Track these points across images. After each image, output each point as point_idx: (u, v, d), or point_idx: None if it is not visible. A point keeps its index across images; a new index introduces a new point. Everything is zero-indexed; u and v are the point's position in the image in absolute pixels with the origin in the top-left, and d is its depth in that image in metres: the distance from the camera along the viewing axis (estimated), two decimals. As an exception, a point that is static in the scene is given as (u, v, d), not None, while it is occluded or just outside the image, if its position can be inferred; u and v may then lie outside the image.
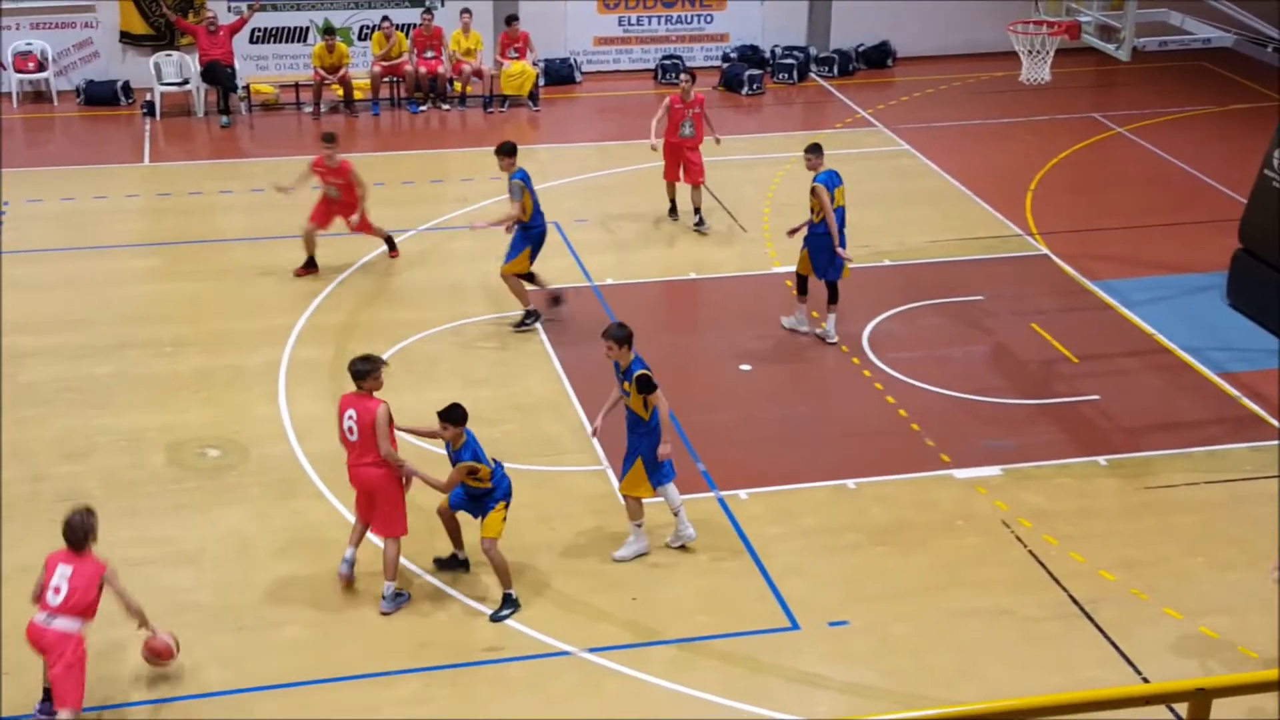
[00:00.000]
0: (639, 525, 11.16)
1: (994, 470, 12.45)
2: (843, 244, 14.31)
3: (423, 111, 21.73)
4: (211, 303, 15.38)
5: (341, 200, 15.79)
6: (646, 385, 10.80)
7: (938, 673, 10.00)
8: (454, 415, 10.36)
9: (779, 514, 11.77)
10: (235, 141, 20.68)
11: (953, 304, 15.54)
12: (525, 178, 14.35)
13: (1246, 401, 13.63)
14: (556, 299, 14.98)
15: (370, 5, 22.52)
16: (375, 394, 10.49)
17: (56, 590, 9.19)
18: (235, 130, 20.96)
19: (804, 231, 14.49)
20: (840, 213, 14.29)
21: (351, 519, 11.52)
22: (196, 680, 9.81)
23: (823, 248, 14.32)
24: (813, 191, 14.21)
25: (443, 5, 22.43)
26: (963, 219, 17.86)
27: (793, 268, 15.07)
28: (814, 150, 14.41)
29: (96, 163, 19.01)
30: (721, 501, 11.93)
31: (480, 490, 10.42)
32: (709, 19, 23.74)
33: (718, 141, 17.28)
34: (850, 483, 12.22)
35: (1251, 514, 11.88)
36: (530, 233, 14.49)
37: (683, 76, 17.36)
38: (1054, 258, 16.72)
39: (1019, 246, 17.10)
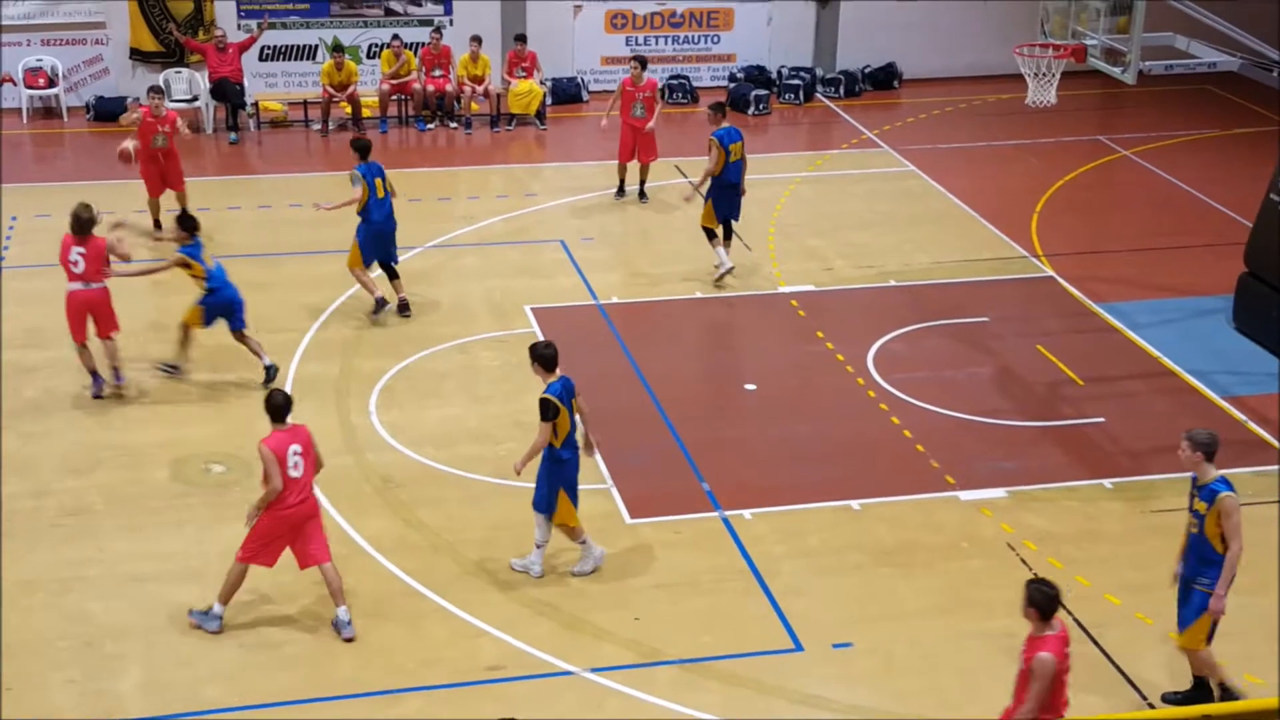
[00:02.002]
0: (584, 542, 11.08)
1: (999, 492, 12.42)
2: (741, 192, 16.16)
3: (430, 129, 21.79)
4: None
5: (168, 151, 16.98)
6: (542, 410, 10.61)
7: (942, 695, 9.97)
8: (184, 221, 13.70)
9: (783, 534, 11.76)
10: (243, 158, 20.72)
11: (958, 325, 15.53)
12: (366, 172, 14.89)
13: (1252, 425, 13.61)
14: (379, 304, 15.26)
15: (379, 24, 22.59)
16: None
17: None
18: (243, 147, 21.02)
19: (706, 187, 15.98)
20: (739, 165, 15.95)
21: (355, 533, 11.57)
22: (199, 697, 9.79)
23: (722, 198, 15.97)
24: (710, 145, 15.78)
25: (451, 25, 22.50)
26: (968, 240, 17.87)
27: (802, 286, 15.52)
28: (716, 108, 16.17)
29: (105, 178, 19.06)
30: (726, 521, 11.92)
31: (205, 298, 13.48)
32: (716, 39, 23.80)
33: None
34: (855, 503, 12.20)
35: (1258, 539, 11.81)
36: (365, 225, 14.91)
37: (632, 62, 18.88)
38: (1059, 280, 16.72)
39: (1024, 268, 17.10)
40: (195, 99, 21.47)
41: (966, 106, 23.29)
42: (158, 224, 17.31)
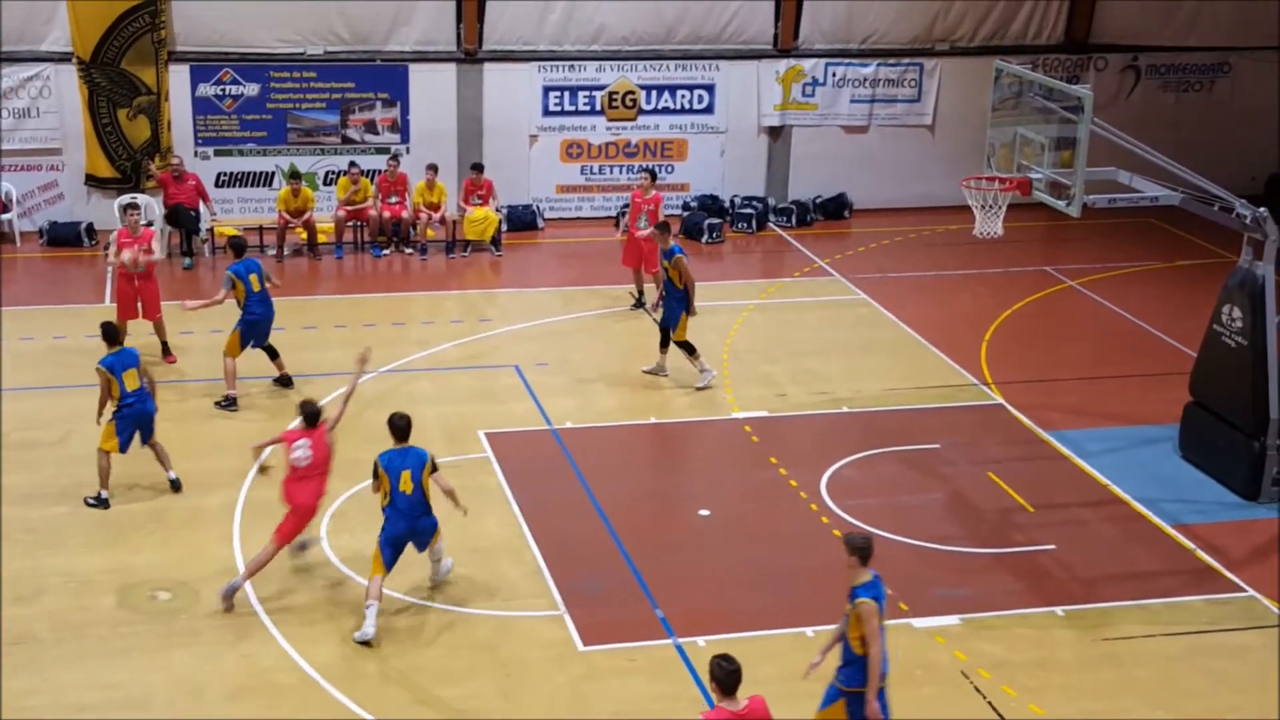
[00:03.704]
0: (370, 606, 11.70)
1: (952, 619, 12.42)
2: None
3: (386, 255, 21.93)
4: (169, 443, 15.21)
5: (146, 275, 17.07)
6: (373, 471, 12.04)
7: (898, 827, 9.85)
8: (106, 331, 14.11)
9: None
10: (197, 283, 20.70)
11: (910, 451, 15.65)
12: (239, 271, 16.33)
13: (1201, 554, 13.71)
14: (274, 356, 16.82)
15: (336, 151, 22.83)
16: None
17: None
18: (197, 272, 21.04)
19: (661, 297, 17.17)
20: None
21: (303, 661, 11.41)
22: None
23: (680, 307, 16.83)
24: (675, 264, 16.72)
25: (408, 153, 22.78)
26: (919, 368, 18.08)
27: (755, 412, 15.77)
28: (663, 228, 17.27)
29: (58, 303, 19.01)
30: (679, 649, 11.84)
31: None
32: (670, 169, 24.19)
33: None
34: (809, 630, 12.16)
35: (1210, 667, 11.89)
36: (244, 319, 16.38)
37: (642, 173, 19.86)
38: (1009, 407, 16.91)
39: (975, 396, 17.30)
40: (150, 224, 21.50)
41: (916, 236, 23.72)
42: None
